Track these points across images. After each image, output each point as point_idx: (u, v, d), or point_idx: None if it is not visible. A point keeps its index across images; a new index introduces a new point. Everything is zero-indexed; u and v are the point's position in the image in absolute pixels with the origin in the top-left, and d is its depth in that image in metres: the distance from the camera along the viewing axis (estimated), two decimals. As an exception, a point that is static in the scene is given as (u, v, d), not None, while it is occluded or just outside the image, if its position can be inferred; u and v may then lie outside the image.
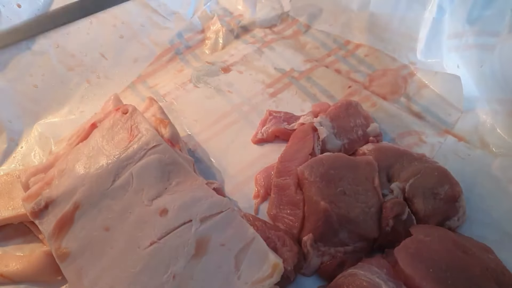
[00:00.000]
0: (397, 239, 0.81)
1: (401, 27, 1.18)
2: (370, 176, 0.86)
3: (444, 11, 1.13)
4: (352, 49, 1.18)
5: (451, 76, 1.07)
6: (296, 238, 0.84)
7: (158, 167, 0.82)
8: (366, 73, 1.13)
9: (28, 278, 0.83)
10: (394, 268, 0.76)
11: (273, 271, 0.72)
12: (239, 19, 1.24)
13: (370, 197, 0.84)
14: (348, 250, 0.82)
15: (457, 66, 1.09)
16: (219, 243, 0.74)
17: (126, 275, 0.74)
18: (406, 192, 0.85)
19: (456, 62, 1.10)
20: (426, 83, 1.10)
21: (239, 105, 1.07)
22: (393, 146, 0.94)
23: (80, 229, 0.79)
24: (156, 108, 0.97)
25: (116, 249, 0.77)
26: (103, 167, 0.83)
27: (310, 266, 0.82)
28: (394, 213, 0.82)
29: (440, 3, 1.12)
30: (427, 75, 1.11)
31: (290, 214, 0.86)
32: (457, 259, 0.75)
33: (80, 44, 1.19)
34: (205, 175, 0.96)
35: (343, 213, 0.81)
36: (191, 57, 1.21)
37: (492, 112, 1.02)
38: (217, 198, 0.79)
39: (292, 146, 0.94)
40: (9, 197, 0.92)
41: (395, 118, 1.04)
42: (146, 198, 0.80)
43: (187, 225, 0.76)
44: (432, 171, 0.87)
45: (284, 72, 1.13)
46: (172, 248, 0.74)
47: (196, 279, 0.72)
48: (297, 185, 0.88)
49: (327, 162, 0.87)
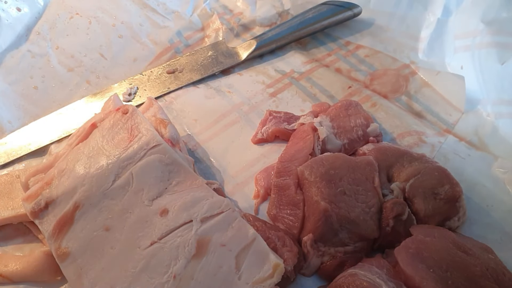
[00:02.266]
0: (397, 239, 0.81)
1: (402, 27, 1.18)
2: (370, 176, 0.86)
3: (450, 11, 1.14)
4: (353, 49, 1.18)
5: (454, 76, 1.08)
6: (296, 238, 0.84)
7: (158, 167, 0.82)
8: (367, 72, 1.13)
9: (28, 278, 0.83)
10: (395, 268, 0.76)
11: (273, 271, 0.72)
12: (239, 17, 1.23)
13: (370, 197, 0.84)
14: (348, 250, 0.82)
15: (460, 67, 1.09)
16: (219, 243, 0.74)
17: (127, 275, 0.74)
18: (406, 192, 0.85)
19: (461, 62, 1.10)
20: (428, 82, 1.10)
21: (239, 105, 1.07)
22: (393, 146, 0.93)
23: (80, 229, 0.79)
24: (156, 108, 0.97)
25: (117, 249, 0.77)
26: (103, 167, 0.83)
27: (310, 266, 0.82)
28: (395, 213, 0.82)
29: (447, 4, 1.13)
30: (429, 75, 1.11)
31: (290, 214, 0.86)
32: (457, 259, 0.74)
33: (79, 45, 1.19)
34: (205, 175, 0.96)
35: (343, 213, 0.81)
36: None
37: (494, 113, 1.02)
38: (218, 199, 0.79)
39: (292, 146, 0.94)
40: (8, 197, 0.92)
41: (395, 118, 1.03)
42: (147, 198, 0.80)
43: (187, 225, 0.76)
44: (432, 171, 0.87)
45: (284, 73, 1.13)
46: (172, 248, 0.74)
47: (197, 279, 0.72)
48: (297, 185, 0.87)
49: (327, 162, 0.87)
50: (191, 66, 1.14)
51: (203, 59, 1.15)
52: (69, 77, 1.15)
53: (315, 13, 1.14)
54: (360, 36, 1.21)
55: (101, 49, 1.19)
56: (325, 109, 1.01)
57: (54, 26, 1.21)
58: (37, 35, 1.19)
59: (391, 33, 1.19)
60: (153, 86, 1.11)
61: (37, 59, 1.16)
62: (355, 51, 1.18)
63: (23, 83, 1.13)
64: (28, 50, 1.16)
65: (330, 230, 0.81)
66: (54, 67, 1.16)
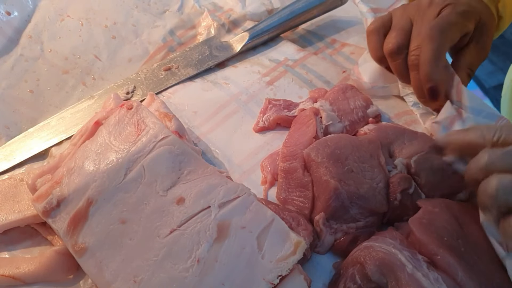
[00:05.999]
0: (406, 212, 0.84)
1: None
2: (375, 153, 0.89)
3: None
4: (338, 47, 1.20)
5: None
6: (308, 218, 0.86)
7: (169, 158, 0.83)
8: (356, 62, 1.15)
9: (40, 279, 0.83)
10: (407, 239, 0.79)
11: (295, 248, 0.74)
12: (230, 13, 1.25)
13: (377, 173, 0.87)
14: (360, 226, 0.84)
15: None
16: (240, 226, 0.76)
17: (149, 263, 0.75)
18: (413, 167, 0.88)
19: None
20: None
21: (237, 94, 1.09)
22: (393, 124, 0.97)
23: (96, 224, 0.79)
24: (158, 103, 0.99)
25: (135, 240, 0.78)
26: (113, 162, 0.84)
27: (324, 244, 0.84)
28: (402, 187, 0.84)
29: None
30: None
31: (300, 196, 0.88)
32: (464, 227, 0.78)
33: (73, 47, 1.19)
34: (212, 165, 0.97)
35: (352, 190, 0.84)
36: (185, 53, 1.21)
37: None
38: (232, 184, 0.81)
39: (295, 131, 0.97)
40: (14, 200, 0.91)
41: (391, 99, 1.06)
42: (161, 189, 0.81)
43: (206, 211, 0.78)
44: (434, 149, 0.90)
45: (278, 62, 1.15)
46: (193, 234, 0.76)
47: (221, 261, 0.73)
48: (304, 168, 0.90)
49: (332, 143, 0.89)
50: (187, 62, 1.15)
51: (198, 54, 1.16)
52: (65, 79, 1.15)
53: (304, 3, 1.17)
54: (345, 34, 1.23)
55: (95, 51, 1.20)
56: (322, 94, 1.03)
57: (46, 29, 1.21)
58: (28, 39, 1.19)
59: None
60: (150, 84, 1.12)
61: (30, 62, 1.16)
62: (341, 49, 1.20)
63: (18, 88, 1.12)
64: (21, 54, 1.16)
65: (341, 207, 0.83)
66: (48, 70, 1.16)
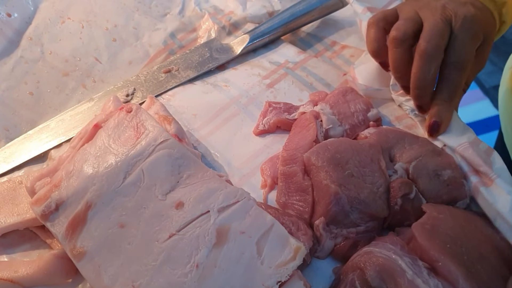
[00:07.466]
0: (406, 217, 0.84)
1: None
2: (375, 158, 0.88)
3: None
4: (338, 49, 1.19)
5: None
6: (308, 223, 0.85)
7: (168, 161, 0.83)
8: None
9: (38, 282, 0.83)
10: (408, 245, 0.78)
11: (295, 254, 0.73)
12: (230, 15, 1.24)
13: (377, 177, 0.86)
14: (360, 231, 0.84)
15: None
16: (239, 231, 0.76)
17: (147, 268, 0.75)
18: (410, 173, 0.87)
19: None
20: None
21: (237, 97, 1.08)
22: (393, 128, 0.96)
23: (95, 228, 0.79)
24: (158, 105, 0.98)
25: (134, 244, 0.77)
26: (112, 165, 0.83)
27: (324, 249, 0.83)
28: (402, 192, 0.84)
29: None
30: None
31: (300, 200, 0.88)
32: (469, 236, 0.78)
33: (73, 49, 1.19)
34: (211, 169, 0.96)
35: (353, 194, 0.83)
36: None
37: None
38: (232, 189, 0.81)
39: (295, 134, 0.96)
40: (13, 204, 0.91)
41: (391, 102, 1.05)
42: (160, 193, 0.81)
43: (205, 216, 0.77)
44: (433, 153, 0.89)
45: (279, 64, 1.15)
46: (192, 239, 0.75)
47: (220, 266, 0.73)
48: (304, 172, 0.89)
49: (332, 147, 0.89)
50: (187, 64, 1.14)
51: (198, 56, 1.16)
52: (65, 81, 1.15)
53: (305, 5, 1.16)
54: (346, 36, 1.22)
55: (96, 53, 1.19)
56: (323, 97, 1.03)
57: (46, 31, 1.21)
58: (29, 41, 1.19)
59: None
60: (150, 86, 1.12)
61: (30, 64, 1.16)
62: (341, 51, 1.19)
63: (17, 90, 1.12)
64: (21, 56, 1.16)
65: (341, 212, 0.83)
66: (48, 72, 1.15)
